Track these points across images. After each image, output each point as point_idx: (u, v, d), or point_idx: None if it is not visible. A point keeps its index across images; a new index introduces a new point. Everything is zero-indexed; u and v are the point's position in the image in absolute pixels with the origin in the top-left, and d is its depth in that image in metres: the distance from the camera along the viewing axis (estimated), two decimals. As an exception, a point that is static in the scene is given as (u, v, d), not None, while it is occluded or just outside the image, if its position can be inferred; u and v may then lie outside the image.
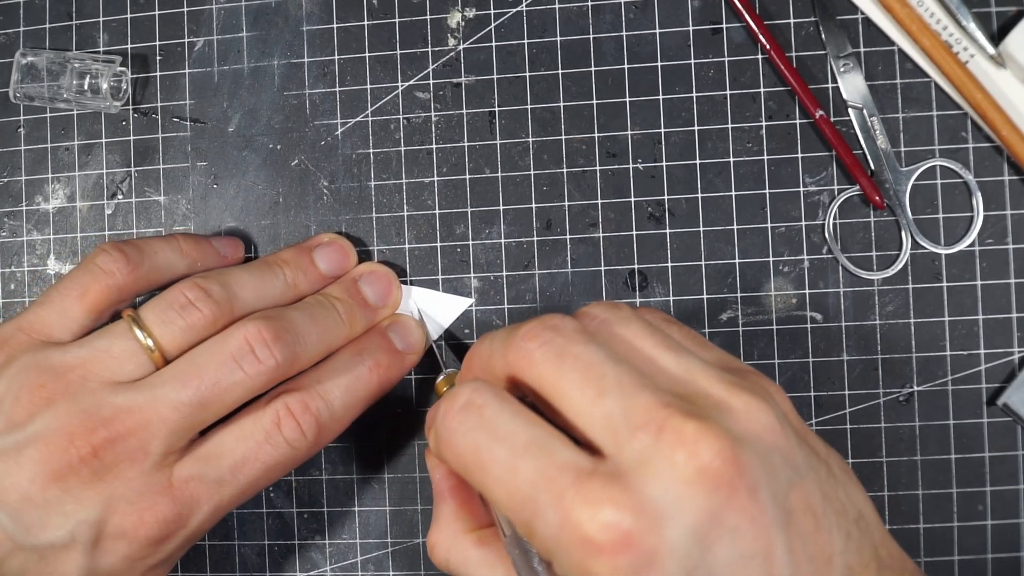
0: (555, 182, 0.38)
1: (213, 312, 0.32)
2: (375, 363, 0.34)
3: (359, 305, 0.35)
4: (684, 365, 0.26)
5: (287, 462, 0.32)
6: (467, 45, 0.38)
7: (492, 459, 0.25)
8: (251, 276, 0.34)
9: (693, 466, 0.23)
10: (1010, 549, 0.36)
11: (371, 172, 0.39)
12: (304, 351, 0.32)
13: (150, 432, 0.30)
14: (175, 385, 0.30)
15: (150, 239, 0.35)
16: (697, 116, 0.37)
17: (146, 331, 0.31)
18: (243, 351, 0.31)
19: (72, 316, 0.32)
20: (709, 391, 0.25)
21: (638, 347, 0.26)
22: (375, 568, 0.38)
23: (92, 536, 0.30)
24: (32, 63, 0.39)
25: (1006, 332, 0.36)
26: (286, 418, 0.32)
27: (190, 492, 0.31)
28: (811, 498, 0.24)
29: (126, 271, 0.33)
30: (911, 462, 0.36)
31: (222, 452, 0.31)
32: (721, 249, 0.37)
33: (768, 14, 0.37)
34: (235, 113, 0.39)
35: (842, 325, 0.36)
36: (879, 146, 0.36)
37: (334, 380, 0.33)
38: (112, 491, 0.30)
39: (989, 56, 0.35)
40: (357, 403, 0.34)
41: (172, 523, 0.30)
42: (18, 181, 0.40)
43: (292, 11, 0.39)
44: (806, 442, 0.26)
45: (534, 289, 0.38)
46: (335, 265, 0.36)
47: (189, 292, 0.32)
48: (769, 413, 0.25)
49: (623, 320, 0.27)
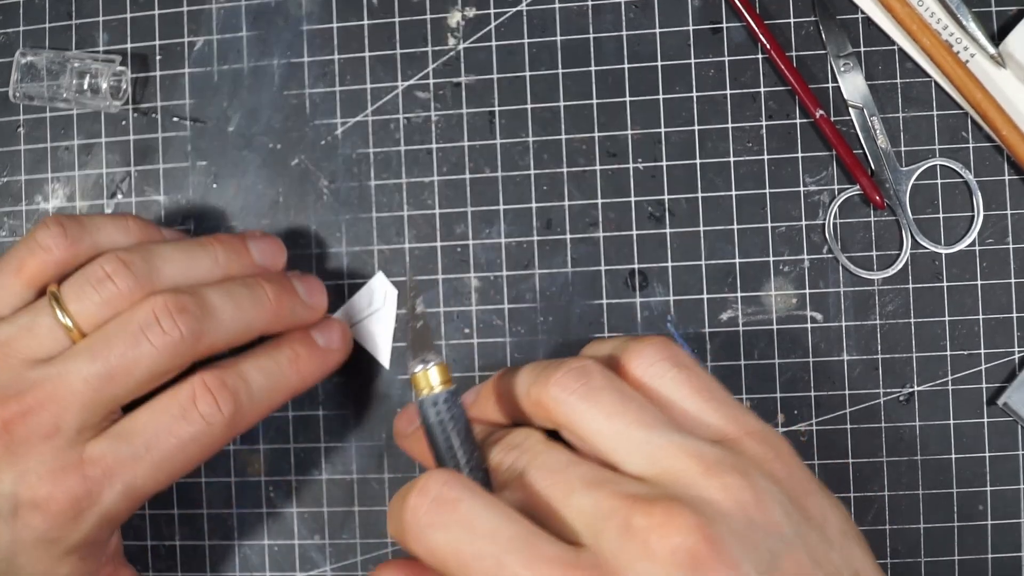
0: (555, 182, 0.38)
1: (130, 286, 0.31)
2: (294, 354, 0.34)
3: (291, 295, 0.35)
4: (657, 443, 0.26)
5: (203, 440, 0.31)
6: (467, 45, 0.38)
7: (475, 555, 0.25)
8: (178, 252, 0.33)
9: (667, 548, 0.24)
10: (1010, 549, 0.36)
11: (371, 172, 0.39)
12: (214, 327, 0.32)
13: (61, 406, 0.30)
14: (85, 358, 0.30)
15: (96, 216, 0.34)
16: (697, 116, 0.37)
17: (64, 308, 0.31)
18: (149, 322, 0.30)
19: (11, 291, 0.32)
20: (683, 471, 0.26)
21: (611, 427, 0.27)
22: (375, 568, 0.38)
23: (9, 508, 0.30)
24: (32, 63, 0.39)
25: (1006, 332, 0.36)
26: (202, 392, 0.31)
27: (102, 469, 0.30)
28: (800, 565, 0.25)
29: (64, 246, 0.32)
30: (911, 462, 0.36)
31: (135, 428, 0.31)
32: (721, 249, 0.37)
33: (768, 14, 0.37)
34: (235, 113, 0.39)
35: (842, 325, 0.36)
36: (879, 146, 0.36)
37: (252, 364, 0.33)
38: (25, 465, 0.30)
39: (989, 56, 0.35)
40: (276, 391, 0.33)
41: (82, 500, 0.30)
42: (18, 181, 0.40)
43: (292, 11, 0.39)
44: (798, 508, 0.26)
45: (534, 289, 0.38)
46: (268, 257, 0.36)
47: (107, 265, 0.31)
48: (745, 491, 0.25)
49: (595, 392, 0.28)
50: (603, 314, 0.37)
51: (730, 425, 0.28)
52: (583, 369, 0.28)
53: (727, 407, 0.29)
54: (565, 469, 0.26)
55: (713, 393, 0.29)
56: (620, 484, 0.26)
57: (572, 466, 0.27)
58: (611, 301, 0.37)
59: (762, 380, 0.37)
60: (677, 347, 0.30)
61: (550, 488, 0.26)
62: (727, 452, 0.26)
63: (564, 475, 0.26)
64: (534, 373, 0.29)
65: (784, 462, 0.27)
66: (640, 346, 0.29)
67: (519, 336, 0.38)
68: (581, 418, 0.27)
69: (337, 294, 0.38)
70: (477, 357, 0.38)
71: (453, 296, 0.38)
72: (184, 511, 0.39)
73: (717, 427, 0.28)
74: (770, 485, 0.26)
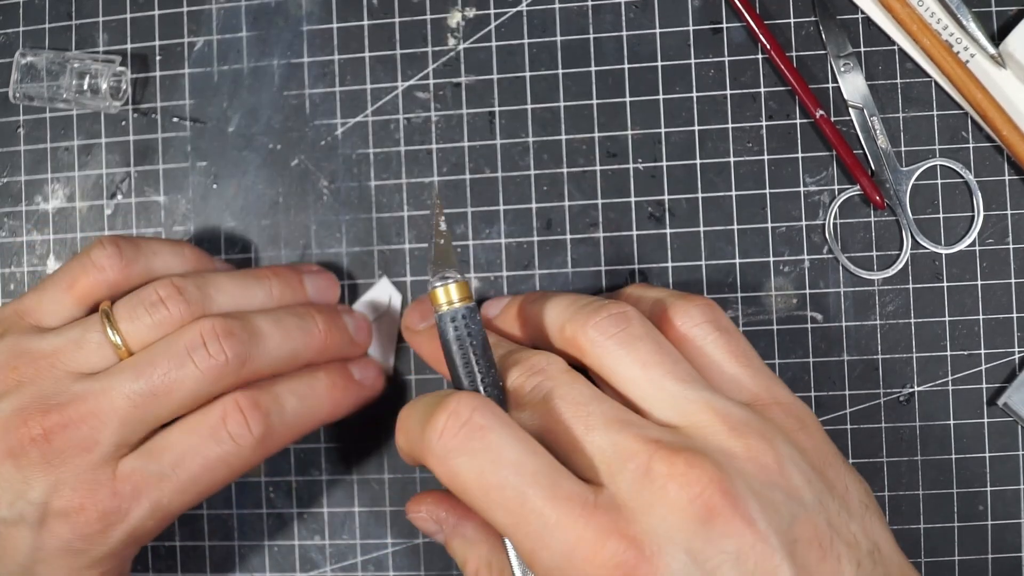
0: (555, 182, 0.38)
1: (182, 312, 0.32)
2: (331, 383, 0.34)
3: (340, 328, 0.35)
4: (688, 397, 0.27)
5: (231, 460, 0.31)
6: (467, 45, 0.38)
7: (498, 485, 0.25)
8: (232, 282, 0.34)
9: (685, 496, 0.24)
10: (1010, 549, 0.36)
11: (371, 172, 0.39)
12: (260, 353, 0.32)
13: (101, 420, 0.30)
14: (129, 375, 0.31)
15: (153, 239, 0.35)
16: (697, 116, 0.37)
17: (115, 326, 0.31)
18: (195, 344, 0.31)
19: (61, 305, 0.33)
20: (709, 427, 0.26)
21: (645, 376, 0.27)
22: (375, 568, 0.38)
23: (37, 517, 0.30)
24: (32, 63, 0.39)
25: (1006, 332, 0.36)
26: (233, 412, 0.31)
27: (131, 485, 0.31)
28: (818, 530, 0.25)
29: (118, 267, 0.33)
30: (911, 462, 0.36)
31: (165, 446, 0.31)
32: (721, 249, 0.37)
33: (768, 14, 0.37)
34: (235, 113, 0.39)
35: (842, 325, 0.36)
36: (879, 146, 0.36)
37: (288, 387, 0.33)
38: (59, 476, 0.30)
39: (989, 56, 0.35)
40: (309, 417, 0.34)
41: (111, 514, 0.30)
42: (18, 181, 0.40)
43: (292, 11, 0.39)
44: (821, 478, 0.26)
45: (534, 289, 0.38)
46: (322, 293, 0.36)
47: (162, 290, 0.32)
48: (767, 454, 0.25)
49: (634, 340, 0.28)
50: (603, 314, 0.37)
51: (763, 392, 0.28)
52: (624, 316, 0.28)
53: (761, 375, 0.29)
54: (589, 403, 0.26)
55: (750, 360, 0.29)
56: (644, 428, 0.26)
57: (596, 401, 0.26)
58: (611, 301, 0.37)
59: (762, 380, 0.37)
60: (720, 311, 0.30)
61: (572, 420, 0.26)
62: (755, 416, 0.27)
63: (587, 408, 0.26)
64: (571, 309, 0.29)
65: (809, 433, 0.28)
66: (687, 305, 0.30)
67: (519, 336, 0.38)
68: (617, 363, 0.28)
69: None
70: (477, 357, 0.38)
71: (453, 296, 0.38)
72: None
73: (750, 391, 0.28)
74: (793, 452, 0.26)
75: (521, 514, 0.25)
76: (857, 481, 0.28)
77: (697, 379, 0.27)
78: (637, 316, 0.28)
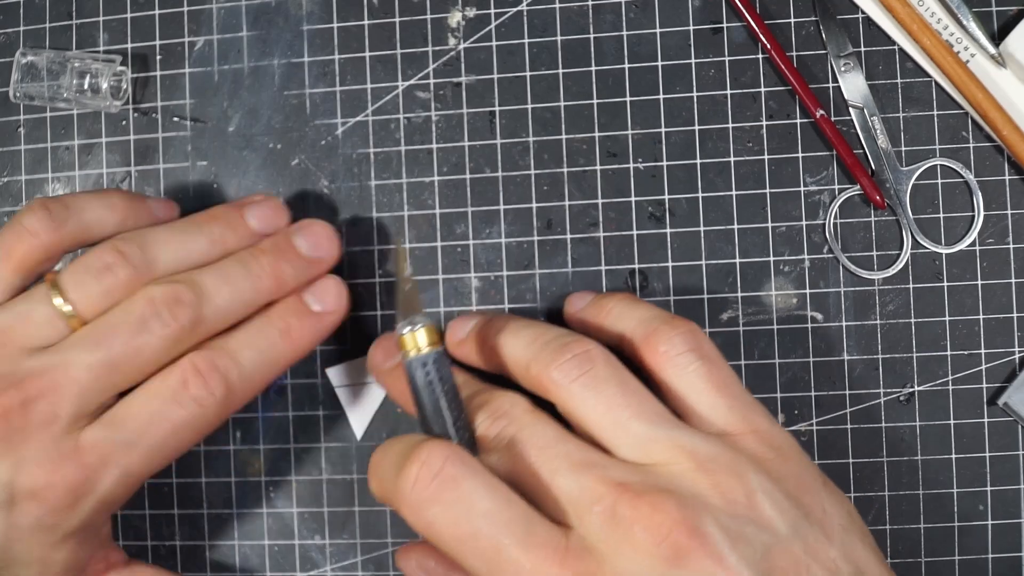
0: (555, 182, 0.38)
1: (129, 276, 0.32)
2: (285, 325, 0.33)
3: (289, 258, 0.34)
4: (654, 435, 0.27)
5: (196, 423, 0.31)
6: (467, 45, 0.38)
7: (473, 535, 0.25)
8: (174, 235, 0.33)
9: (652, 539, 0.24)
10: (1010, 549, 0.36)
11: (371, 172, 0.39)
12: (211, 312, 0.32)
13: (60, 394, 0.30)
14: (86, 346, 0.30)
15: (82, 194, 0.34)
16: (697, 116, 0.37)
17: (64, 296, 0.31)
18: (148, 313, 0.31)
19: (1, 278, 0.32)
20: (675, 464, 0.26)
21: (609, 418, 0.27)
22: (375, 568, 0.38)
23: (6, 497, 0.30)
24: (32, 63, 0.39)
25: (1007, 332, 0.36)
26: (193, 376, 0.31)
27: (97, 456, 0.30)
28: (794, 558, 0.25)
29: (51, 229, 0.32)
30: (911, 462, 0.36)
31: (129, 414, 0.31)
32: (721, 249, 0.37)
33: (768, 14, 0.37)
34: (235, 113, 0.39)
35: (842, 325, 0.36)
36: (879, 146, 0.36)
37: (243, 341, 0.33)
38: (22, 454, 0.30)
39: (990, 56, 0.35)
40: (269, 366, 0.33)
41: (80, 487, 0.30)
42: (18, 181, 0.40)
43: (292, 11, 0.39)
44: (796, 505, 0.26)
45: (534, 289, 0.38)
46: (267, 222, 0.35)
47: (106, 256, 0.32)
48: (738, 489, 0.26)
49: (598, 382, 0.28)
50: (603, 314, 0.37)
51: (738, 422, 0.28)
52: (587, 356, 0.28)
53: (739, 403, 0.29)
54: (553, 445, 0.27)
55: (730, 389, 0.29)
56: (608, 469, 0.26)
57: (561, 443, 0.27)
58: (611, 301, 0.37)
59: (762, 380, 0.37)
60: (703, 337, 0.30)
61: (537, 463, 0.26)
62: (724, 449, 0.27)
63: (552, 451, 0.26)
64: (535, 347, 0.29)
65: (786, 459, 0.28)
66: (671, 331, 0.30)
67: (519, 336, 0.38)
68: (582, 405, 0.28)
69: (337, 294, 0.38)
70: (477, 357, 0.38)
71: (453, 296, 0.38)
72: (184, 511, 0.39)
73: (724, 422, 0.28)
74: (765, 482, 0.26)
75: (497, 563, 0.25)
76: (838, 504, 0.28)
77: (665, 417, 0.28)
78: (601, 356, 0.29)
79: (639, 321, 0.31)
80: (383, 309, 0.38)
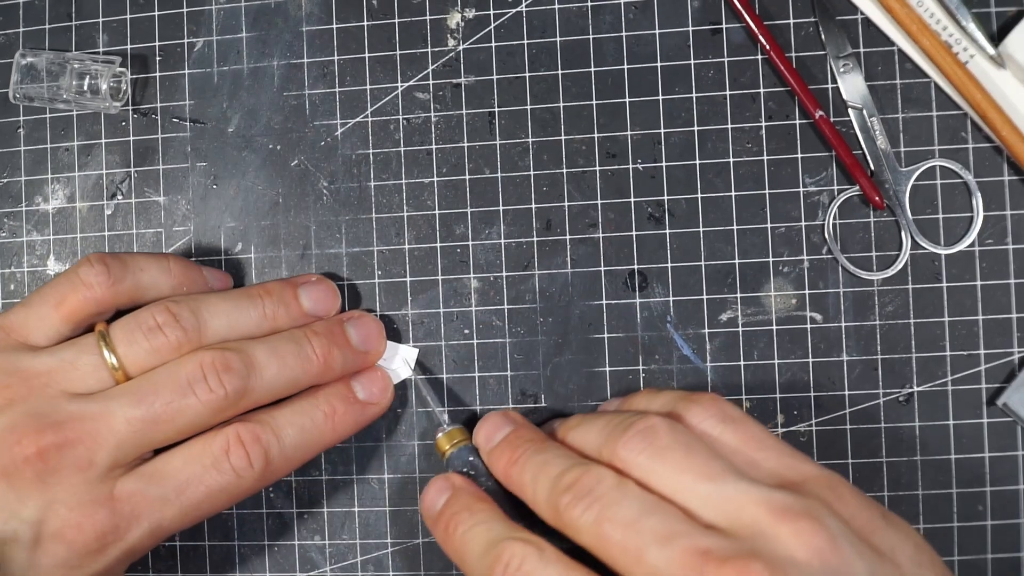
0: (555, 182, 0.38)
1: (179, 338, 0.32)
2: (331, 410, 0.34)
3: (340, 345, 0.35)
4: (726, 494, 0.27)
5: (232, 490, 0.32)
6: (467, 45, 0.38)
7: None
8: (227, 304, 0.34)
9: None
10: (1010, 549, 0.36)
11: (371, 172, 0.39)
12: (258, 385, 0.32)
13: (97, 442, 0.30)
14: (129, 399, 0.31)
15: (139, 255, 0.35)
16: (697, 116, 0.37)
17: (112, 349, 0.32)
18: (196, 377, 0.31)
19: (49, 323, 0.33)
20: (753, 520, 0.26)
21: (679, 484, 0.28)
22: (375, 568, 0.38)
23: (32, 535, 0.30)
24: (32, 63, 0.39)
25: (1006, 332, 0.36)
26: (235, 446, 0.32)
27: (131, 507, 0.31)
28: None
29: (106, 285, 0.33)
30: (911, 462, 0.36)
31: (168, 471, 0.31)
32: (721, 249, 0.37)
33: (768, 14, 0.37)
34: (235, 113, 0.39)
35: (842, 325, 0.36)
36: (879, 146, 0.36)
37: (288, 419, 0.33)
38: (54, 495, 0.30)
39: (989, 56, 0.35)
40: (309, 447, 0.34)
41: (109, 534, 0.31)
42: (18, 181, 0.40)
43: (292, 11, 0.39)
44: (868, 546, 0.26)
45: (534, 289, 0.38)
46: (320, 304, 0.36)
47: (159, 315, 0.32)
48: (819, 535, 0.25)
49: (662, 451, 0.28)
50: (603, 315, 0.37)
51: (788, 471, 0.29)
52: (650, 429, 0.29)
53: (780, 454, 0.29)
54: (638, 521, 0.27)
55: (764, 442, 0.29)
56: (693, 537, 0.26)
57: (644, 517, 0.27)
58: (611, 302, 0.37)
59: (762, 380, 0.37)
60: (725, 403, 0.31)
61: (624, 541, 0.27)
62: (795, 497, 0.27)
63: (637, 527, 0.27)
64: (604, 433, 0.30)
65: (846, 501, 0.28)
66: (693, 406, 0.30)
67: (519, 337, 0.38)
68: (652, 477, 0.28)
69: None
70: (477, 357, 0.38)
71: (453, 296, 0.38)
72: (184, 512, 0.39)
73: (775, 474, 0.29)
74: (840, 526, 0.26)
75: None
76: (905, 538, 0.28)
77: (731, 472, 0.28)
78: (664, 426, 0.29)
79: (660, 406, 0.31)
80: (383, 310, 0.38)
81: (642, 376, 0.37)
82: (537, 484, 0.30)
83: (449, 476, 0.33)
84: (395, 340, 0.38)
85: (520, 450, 0.31)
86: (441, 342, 0.38)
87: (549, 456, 0.30)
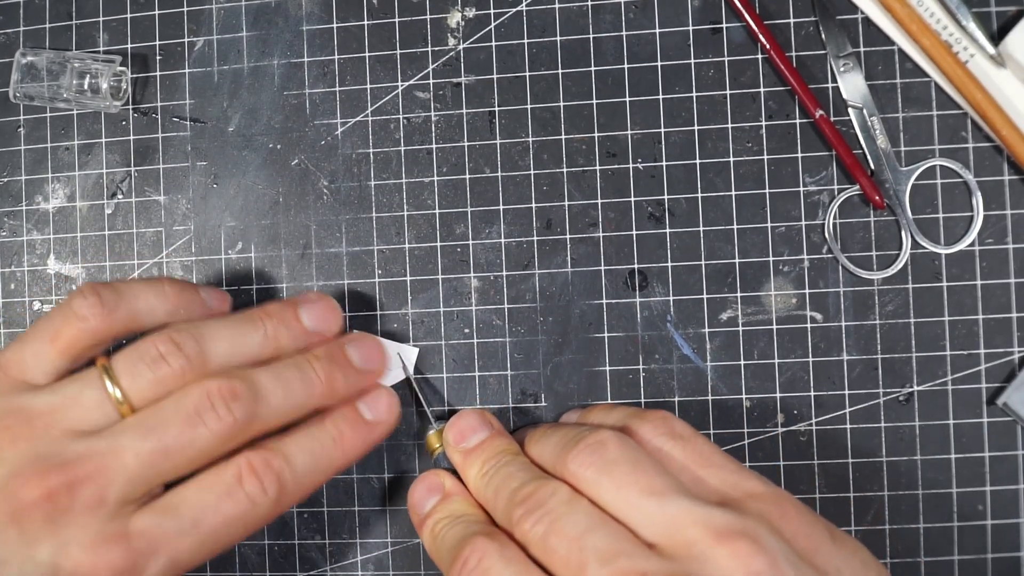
0: (555, 182, 0.38)
1: (183, 367, 0.32)
2: (339, 433, 0.34)
3: (342, 366, 0.35)
4: (668, 512, 0.27)
5: (248, 519, 0.32)
6: (467, 45, 0.38)
7: None
8: (228, 329, 0.33)
9: None
10: (1010, 549, 0.36)
11: (371, 172, 0.39)
12: (266, 410, 0.32)
13: (107, 478, 0.30)
14: (138, 434, 0.30)
15: (133, 282, 0.34)
16: (697, 116, 0.37)
17: (115, 382, 0.31)
18: (204, 406, 0.31)
19: (46, 358, 0.32)
20: (693, 540, 0.26)
21: (624, 498, 0.28)
22: (375, 568, 0.38)
23: None
24: (32, 63, 0.39)
25: (1006, 332, 0.36)
26: (248, 473, 0.31)
27: (147, 542, 0.30)
28: None
29: (100, 315, 0.32)
30: (911, 462, 0.36)
31: (182, 504, 0.31)
32: (721, 249, 0.37)
33: (768, 14, 0.37)
34: (235, 113, 0.39)
35: (842, 325, 0.36)
36: (879, 146, 0.36)
37: (298, 445, 0.33)
38: (67, 536, 0.30)
39: (989, 56, 0.35)
40: (320, 471, 0.33)
41: (126, 571, 0.30)
42: (18, 181, 0.40)
43: (292, 11, 0.39)
44: (810, 566, 0.27)
45: (534, 289, 0.38)
46: (321, 322, 0.35)
47: (161, 345, 0.32)
48: (757, 557, 0.26)
49: (610, 465, 0.29)
50: (603, 314, 0.37)
51: (731, 489, 0.29)
52: (600, 443, 0.29)
53: (726, 471, 0.30)
54: (582, 537, 0.27)
55: (711, 459, 0.30)
56: (633, 558, 0.26)
57: (589, 533, 0.27)
58: (611, 301, 0.37)
59: (762, 380, 0.37)
60: (674, 420, 0.31)
61: (567, 556, 0.27)
62: (735, 516, 0.27)
63: (580, 543, 0.27)
64: (557, 448, 0.31)
65: (790, 519, 0.28)
66: (643, 424, 0.31)
67: (519, 336, 0.38)
68: (599, 490, 0.29)
69: (337, 294, 0.39)
70: (477, 357, 0.38)
71: (453, 296, 0.38)
72: (184, 511, 0.39)
73: (718, 491, 0.29)
74: (781, 545, 0.26)
75: None
76: (848, 556, 0.28)
77: (675, 488, 0.28)
78: (614, 440, 0.29)
79: (614, 422, 0.32)
80: (383, 309, 0.38)
81: (642, 375, 0.37)
82: (498, 496, 0.30)
83: (439, 473, 0.34)
84: (395, 340, 0.38)
85: (491, 463, 0.32)
86: (441, 341, 0.38)
87: (512, 470, 0.31)
